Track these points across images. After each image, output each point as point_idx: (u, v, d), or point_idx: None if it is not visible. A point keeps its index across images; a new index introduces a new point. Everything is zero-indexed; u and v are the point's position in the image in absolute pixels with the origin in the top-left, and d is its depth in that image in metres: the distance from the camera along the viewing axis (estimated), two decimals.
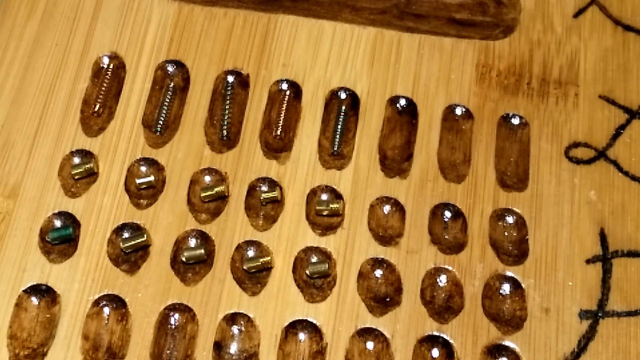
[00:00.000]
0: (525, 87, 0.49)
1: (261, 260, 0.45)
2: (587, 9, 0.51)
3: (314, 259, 0.45)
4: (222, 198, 0.46)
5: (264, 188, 0.47)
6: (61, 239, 0.45)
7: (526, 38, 0.50)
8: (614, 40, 0.50)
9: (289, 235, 0.46)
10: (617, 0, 0.52)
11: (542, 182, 0.47)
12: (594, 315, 0.44)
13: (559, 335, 0.43)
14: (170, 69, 0.50)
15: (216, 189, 0.46)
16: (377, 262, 0.45)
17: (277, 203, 0.46)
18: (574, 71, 0.49)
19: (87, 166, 0.46)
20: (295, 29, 0.51)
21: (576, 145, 0.48)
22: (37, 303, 0.44)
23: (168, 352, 0.43)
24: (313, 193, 0.47)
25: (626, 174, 0.47)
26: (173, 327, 0.44)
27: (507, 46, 0.50)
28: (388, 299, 0.44)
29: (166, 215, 0.46)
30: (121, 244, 0.45)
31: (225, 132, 0.48)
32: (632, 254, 0.45)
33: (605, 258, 0.45)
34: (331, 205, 0.46)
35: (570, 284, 0.44)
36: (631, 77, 0.49)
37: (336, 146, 0.48)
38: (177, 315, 0.44)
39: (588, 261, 0.45)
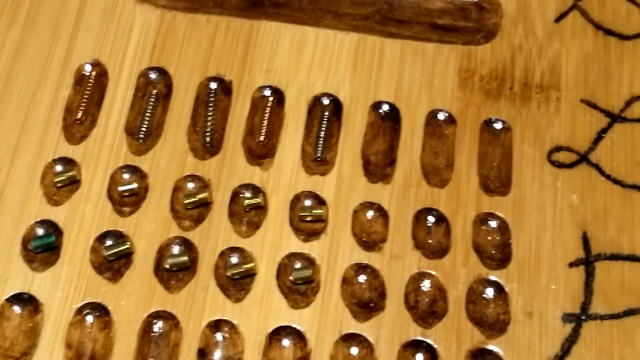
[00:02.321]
0: (508, 92, 0.49)
1: (245, 266, 0.45)
2: (568, 14, 0.51)
3: (298, 265, 0.45)
4: (206, 205, 0.46)
5: (248, 194, 0.47)
6: (44, 247, 0.45)
7: (508, 43, 0.51)
8: (595, 45, 0.51)
9: (273, 242, 0.46)
10: (598, 5, 0.52)
11: (524, 187, 0.47)
12: (577, 319, 0.44)
13: (543, 338, 0.43)
14: (152, 76, 0.50)
15: (199, 196, 0.46)
16: (361, 268, 0.45)
17: (261, 209, 0.46)
18: (555, 75, 0.50)
19: (69, 174, 0.46)
20: (277, 35, 0.51)
21: (558, 149, 0.48)
22: (19, 312, 0.44)
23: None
24: (296, 199, 0.47)
25: (608, 177, 0.47)
26: (156, 334, 0.44)
27: (489, 51, 0.50)
28: (372, 304, 0.44)
29: (149, 222, 0.46)
30: (104, 251, 0.45)
31: (208, 139, 0.48)
32: (614, 257, 0.45)
33: (588, 261, 0.45)
34: (315, 211, 0.46)
35: (553, 287, 0.45)
36: (612, 81, 0.50)
37: (319, 152, 0.48)
38: (160, 323, 0.44)
39: (571, 265, 0.45)
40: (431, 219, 0.46)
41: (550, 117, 0.49)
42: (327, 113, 0.49)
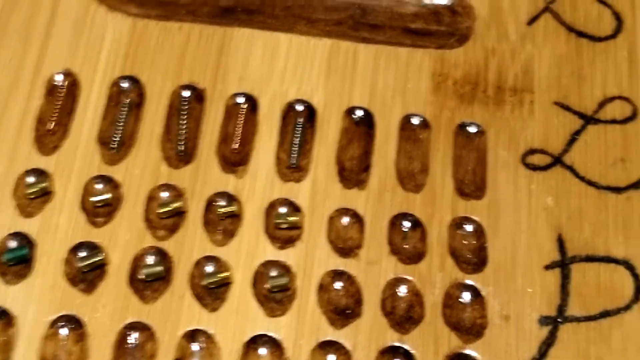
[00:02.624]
0: (481, 95, 0.49)
1: (220, 275, 0.44)
2: (540, 16, 0.52)
3: (274, 273, 0.45)
4: (180, 214, 0.46)
5: (222, 202, 0.46)
6: (17, 259, 0.44)
7: (481, 46, 0.51)
8: (567, 47, 0.51)
9: (248, 250, 0.45)
10: (570, 7, 0.52)
11: (499, 190, 0.47)
12: (554, 321, 0.44)
13: (520, 342, 0.43)
14: (125, 84, 0.49)
15: (174, 205, 0.46)
16: (337, 274, 0.45)
17: (236, 217, 0.46)
18: (528, 78, 0.50)
19: (42, 185, 0.46)
20: (250, 42, 0.50)
21: (532, 152, 0.48)
22: None
23: None
24: (271, 206, 0.46)
25: (582, 179, 0.47)
26: (132, 346, 0.43)
27: (462, 55, 0.50)
28: (349, 311, 0.44)
29: (123, 232, 0.45)
30: (78, 263, 0.44)
31: (182, 147, 0.48)
32: (590, 258, 0.45)
33: (563, 264, 0.45)
34: (290, 218, 0.46)
35: (529, 290, 0.45)
36: (585, 83, 0.50)
37: (294, 159, 0.48)
38: (136, 334, 0.43)
39: (547, 267, 0.45)
40: (407, 224, 0.46)
41: (524, 119, 0.49)
42: (301, 119, 0.49)
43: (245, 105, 0.49)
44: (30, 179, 0.46)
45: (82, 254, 0.45)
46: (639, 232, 0.46)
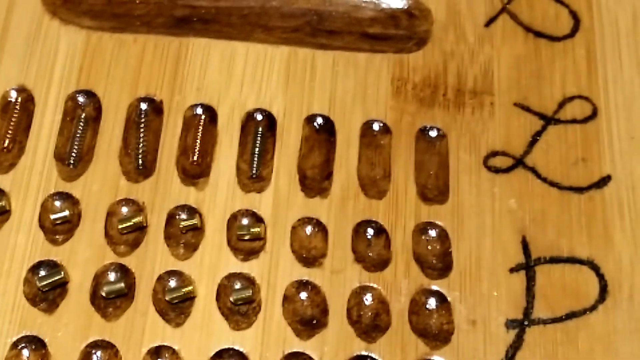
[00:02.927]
0: (441, 99, 0.49)
1: (183, 290, 0.44)
2: (497, 18, 0.51)
3: (238, 285, 0.44)
4: (141, 229, 0.45)
5: (183, 216, 0.46)
6: None
7: (439, 49, 0.50)
8: (526, 47, 0.51)
9: (211, 263, 0.45)
10: (527, 7, 0.52)
11: (462, 194, 0.47)
12: (520, 324, 0.44)
13: (487, 346, 0.43)
14: (81, 99, 0.48)
15: (134, 220, 0.45)
16: (302, 285, 0.45)
17: (197, 230, 0.46)
18: (488, 80, 0.50)
19: None
20: (207, 51, 0.50)
21: (494, 154, 0.48)
22: None
23: None
24: (234, 218, 0.46)
25: (544, 180, 0.47)
26: None
27: (421, 58, 0.50)
28: (315, 322, 0.44)
29: (83, 250, 0.45)
30: (38, 282, 0.44)
31: (140, 161, 0.47)
32: (554, 260, 0.45)
33: (528, 266, 0.45)
34: (252, 230, 0.45)
35: (495, 294, 0.44)
36: (545, 83, 0.50)
37: (255, 169, 0.47)
38: (99, 353, 0.43)
39: (511, 270, 0.45)
40: (370, 231, 0.46)
41: (484, 122, 0.49)
42: (260, 129, 0.48)
43: (204, 116, 0.48)
44: None
45: (42, 272, 0.44)
46: (602, 231, 0.46)
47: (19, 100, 0.48)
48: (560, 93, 0.50)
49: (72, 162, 0.47)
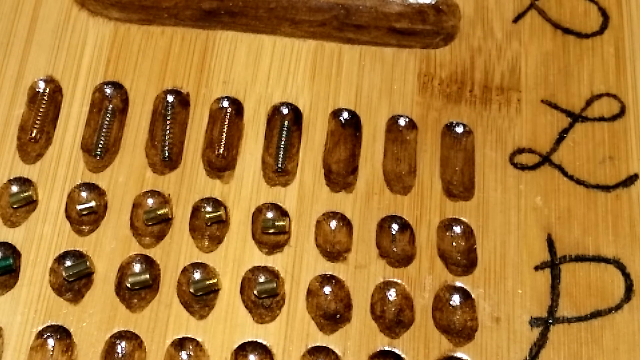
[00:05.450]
0: (468, 95, 0.49)
1: (208, 282, 0.44)
2: (526, 14, 0.51)
3: (262, 279, 0.44)
4: (166, 220, 0.45)
5: (208, 208, 0.46)
6: (1, 270, 0.44)
7: (467, 45, 0.50)
8: (554, 44, 0.50)
9: (236, 256, 0.45)
10: (555, 4, 0.52)
11: (488, 190, 0.47)
12: (545, 322, 0.43)
13: (511, 344, 0.43)
14: (108, 90, 0.49)
15: (159, 212, 0.45)
16: (326, 279, 0.45)
17: (222, 223, 0.46)
18: (515, 77, 0.49)
19: (25, 194, 0.45)
20: (234, 44, 0.50)
21: (520, 151, 0.48)
22: None
23: None
24: (258, 211, 0.46)
25: (571, 178, 0.47)
26: (120, 355, 0.43)
27: (448, 54, 0.50)
28: (338, 316, 0.44)
29: (109, 241, 0.45)
30: (64, 272, 0.44)
31: (166, 153, 0.47)
32: (579, 258, 0.45)
33: (553, 264, 0.45)
34: (277, 223, 0.45)
35: (519, 291, 0.44)
36: (572, 81, 0.49)
37: (280, 162, 0.47)
38: (123, 343, 0.43)
39: (536, 268, 0.45)
40: (395, 226, 0.46)
41: (511, 118, 0.48)
42: (286, 122, 0.48)
43: (230, 109, 0.48)
44: (14, 188, 0.46)
45: (68, 263, 0.44)
46: (628, 230, 0.46)
47: (47, 91, 0.48)
48: (588, 90, 0.49)
49: (98, 153, 0.47)
